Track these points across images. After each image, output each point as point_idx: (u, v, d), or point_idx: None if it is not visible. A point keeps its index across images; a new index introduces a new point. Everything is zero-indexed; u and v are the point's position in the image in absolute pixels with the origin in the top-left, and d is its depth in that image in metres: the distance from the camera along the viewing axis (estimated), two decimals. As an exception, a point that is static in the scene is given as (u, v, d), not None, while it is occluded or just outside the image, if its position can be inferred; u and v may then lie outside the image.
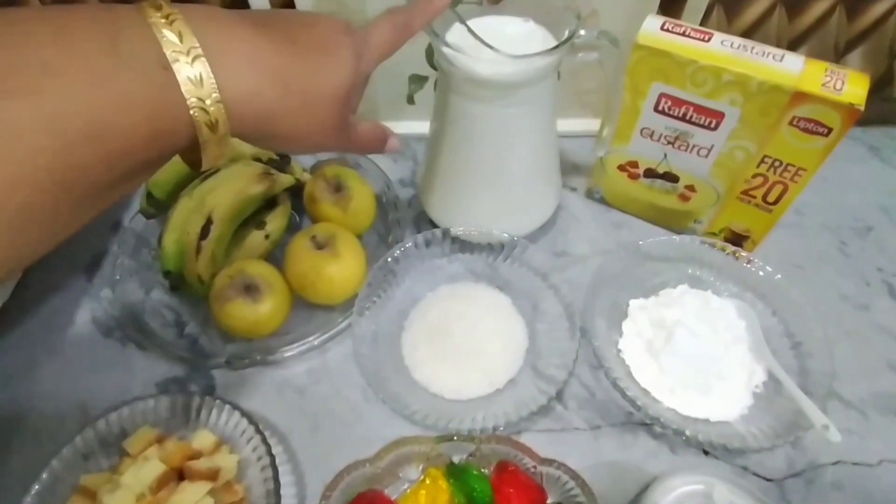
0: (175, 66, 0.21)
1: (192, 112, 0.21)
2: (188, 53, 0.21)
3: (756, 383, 0.39)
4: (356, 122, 0.30)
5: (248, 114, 0.23)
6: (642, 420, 0.39)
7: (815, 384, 0.38)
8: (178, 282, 0.43)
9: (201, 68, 0.21)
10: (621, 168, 0.47)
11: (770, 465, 0.38)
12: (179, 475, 0.34)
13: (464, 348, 0.41)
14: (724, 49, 0.38)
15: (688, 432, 0.35)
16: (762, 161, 0.40)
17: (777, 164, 0.40)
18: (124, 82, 0.20)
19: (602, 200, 0.52)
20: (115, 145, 0.20)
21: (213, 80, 0.21)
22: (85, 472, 0.35)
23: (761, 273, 0.43)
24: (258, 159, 0.47)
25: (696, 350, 0.39)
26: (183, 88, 0.21)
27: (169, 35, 0.21)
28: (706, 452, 0.38)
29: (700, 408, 0.38)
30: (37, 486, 0.33)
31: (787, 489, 0.37)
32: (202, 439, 0.36)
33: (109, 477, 0.34)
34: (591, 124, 0.56)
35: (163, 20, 0.21)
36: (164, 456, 0.34)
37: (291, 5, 0.46)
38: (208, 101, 0.22)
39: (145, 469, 0.33)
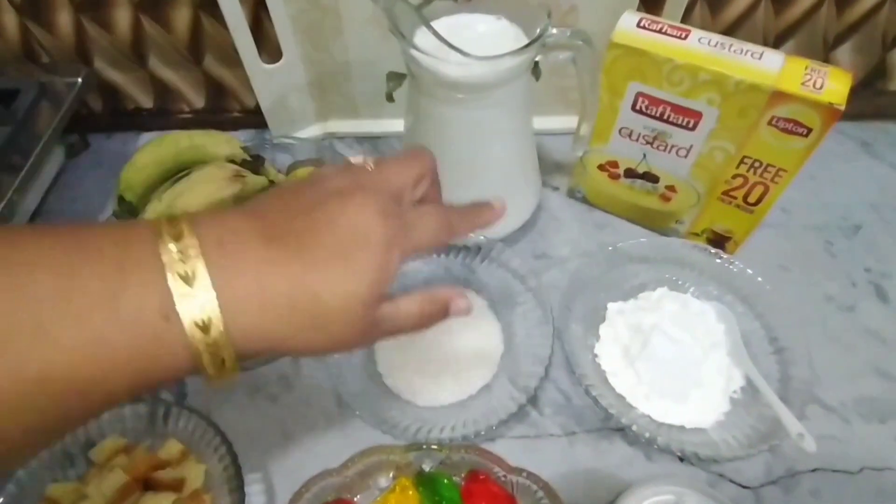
0: (181, 310, 0.19)
1: (194, 353, 0.20)
2: (197, 296, 0.20)
3: (734, 388, 0.39)
4: (393, 310, 0.25)
5: (252, 344, 0.21)
6: (618, 426, 0.39)
7: (796, 391, 0.37)
8: (149, 287, 0.43)
9: (211, 313, 0.20)
10: (601, 168, 0.46)
11: (747, 472, 0.37)
12: (145, 485, 0.34)
13: (438, 354, 0.41)
14: (702, 47, 0.37)
15: (660, 440, 0.35)
16: (742, 162, 0.39)
17: (757, 164, 0.39)
18: (118, 343, 0.19)
19: (584, 200, 0.51)
20: (98, 397, 0.20)
21: (222, 322, 0.20)
22: (52, 482, 0.34)
23: (743, 275, 0.42)
24: (232, 161, 0.46)
25: (672, 356, 0.39)
26: (188, 332, 0.20)
27: (179, 276, 0.19)
28: (682, 459, 0.37)
29: (676, 415, 0.37)
30: (1, 499, 0.33)
31: (763, 497, 0.36)
32: (169, 448, 0.35)
33: (76, 487, 0.34)
34: (574, 121, 0.54)
35: (178, 256, 0.20)
36: (129, 466, 0.33)
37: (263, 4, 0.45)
38: (214, 339, 0.20)
39: (108, 480, 0.32)
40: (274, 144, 0.53)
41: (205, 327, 0.20)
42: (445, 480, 0.35)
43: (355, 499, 0.35)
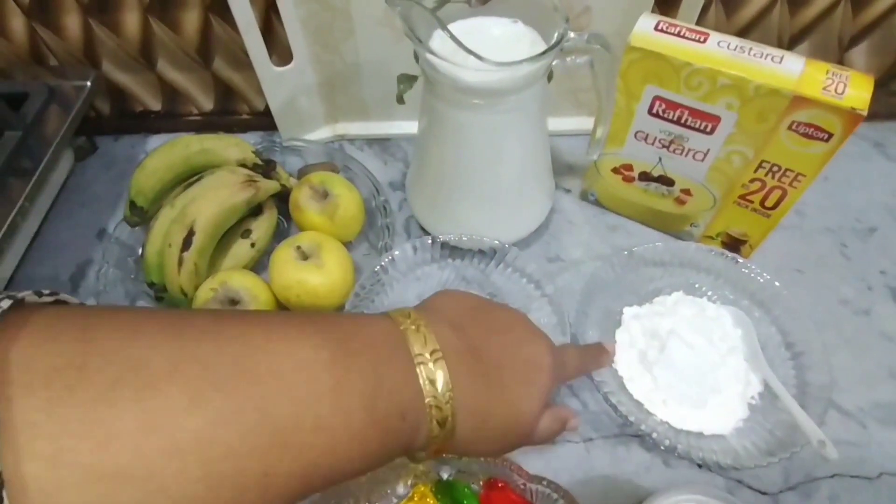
0: (431, 411, 0.23)
1: (426, 444, 0.24)
2: (440, 397, 0.23)
3: (752, 394, 0.38)
4: (539, 425, 0.29)
5: (458, 442, 0.25)
6: (635, 432, 0.38)
7: (813, 397, 0.37)
8: (162, 293, 0.42)
9: (449, 412, 0.23)
10: (616, 171, 0.46)
11: (766, 478, 0.37)
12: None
13: (453, 360, 0.40)
14: (721, 50, 0.36)
15: (680, 448, 0.35)
16: (760, 166, 0.39)
17: (775, 169, 0.38)
18: (370, 438, 0.21)
19: (597, 203, 0.50)
20: (332, 482, 0.22)
21: (455, 419, 0.23)
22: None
23: (759, 279, 0.42)
24: (243, 165, 0.46)
25: (689, 361, 0.38)
26: (430, 427, 0.23)
27: (428, 380, 0.23)
28: (700, 465, 0.37)
29: (694, 421, 0.37)
30: None
31: (782, 503, 0.36)
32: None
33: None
34: (586, 123, 0.54)
35: (425, 360, 0.23)
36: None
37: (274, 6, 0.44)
38: (447, 433, 0.24)
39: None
40: (284, 147, 0.52)
41: (443, 423, 0.23)
42: (464, 489, 0.35)
43: (373, 507, 0.35)
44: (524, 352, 0.27)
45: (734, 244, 0.45)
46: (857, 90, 0.34)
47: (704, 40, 0.37)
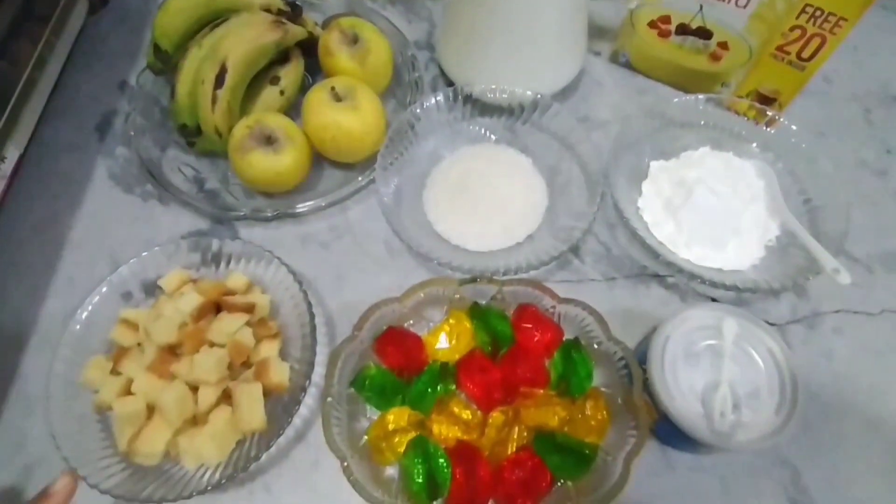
0: None
1: None
2: None
3: (770, 237, 0.40)
4: None
5: None
6: (656, 272, 0.41)
7: (826, 241, 0.39)
8: (194, 136, 0.42)
9: None
10: (652, 25, 0.45)
11: (774, 312, 0.40)
12: (216, 310, 0.36)
13: (485, 205, 0.42)
14: None
15: (702, 275, 0.37)
16: (803, 11, 0.38)
17: (818, 13, 0.38)
18: None
19: (627, 65, 0.50)
20: None
21: None
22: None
23: (784, 132, 0.42)
24: (267, 10, 0.44)
25: (713, 206, 0.40)
26: None
27: None
28: (714, 300, 0.40)
29: (714, 260, 0.39)
30: (77, 326, 0.35)
31: (788, 333, 0.39)
32: (235, 280, 0.37)
33: (149, 312, 0.36)
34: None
35: None
36: (201, 291, 0.35)
37: None
38: None
39: (184, 300, 0.34)
40: (303, 1, 0.50)
41: None
42: (496, 312, 0.37)
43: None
44: None
45: (763, 103, 0.45)
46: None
47: None
